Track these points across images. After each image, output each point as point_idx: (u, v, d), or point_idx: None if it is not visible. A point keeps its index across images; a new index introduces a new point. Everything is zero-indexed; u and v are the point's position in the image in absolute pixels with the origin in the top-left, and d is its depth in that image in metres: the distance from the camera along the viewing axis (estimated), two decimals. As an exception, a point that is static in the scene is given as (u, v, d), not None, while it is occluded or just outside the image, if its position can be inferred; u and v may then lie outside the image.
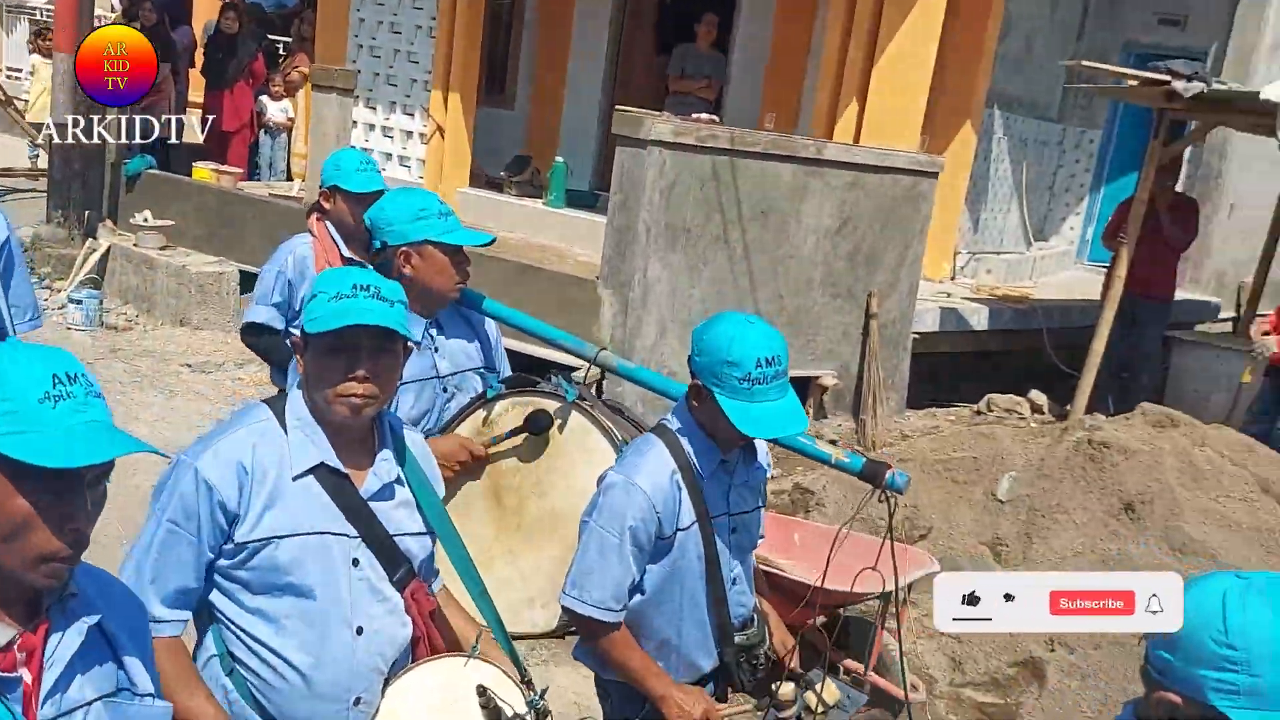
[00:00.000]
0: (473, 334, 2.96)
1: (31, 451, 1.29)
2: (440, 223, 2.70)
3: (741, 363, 2.20)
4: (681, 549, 2.33)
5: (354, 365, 1.91)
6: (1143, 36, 10.90)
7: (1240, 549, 4.75)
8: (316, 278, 2.06)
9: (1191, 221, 7.80)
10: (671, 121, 6.28)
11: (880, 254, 7.56)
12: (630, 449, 2.42)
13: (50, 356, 1.37)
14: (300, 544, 1.91)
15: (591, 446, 2.66)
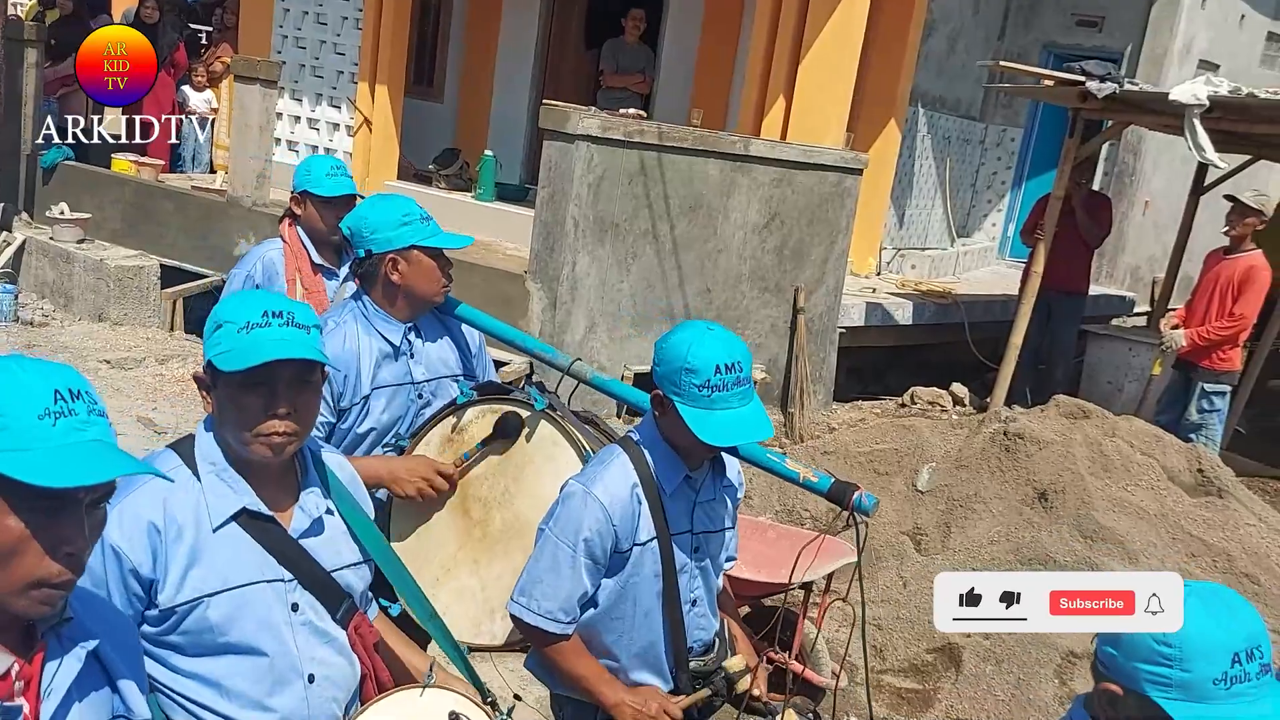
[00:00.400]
0: (450, 340, 2.91)
1: (26, 469, 1.22)
2: (424, 227, 2.68)
3: (700, 369, 2.13)
4: (637, 564, 2.26)
5: (273, 402, 1.76)
6: (1061, 38, 11.17)
7: (1147, 535, 4.92)
8: (219, 304, 1.86)
9: (1105, 218, 8.04)
10: (599, 116, 6.30)
11: (807, 249, 7.67)
12: (593, 460, 2.37)
13: (53, 372, 1.31)
14: (232, 599, 1.77)
15: (558, 456, 2.61)
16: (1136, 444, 5.55)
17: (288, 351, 1.75)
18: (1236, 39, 11.82)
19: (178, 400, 6.47)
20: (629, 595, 2.28)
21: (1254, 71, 12.14)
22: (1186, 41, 10.84)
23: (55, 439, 1.26)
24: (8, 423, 1.25)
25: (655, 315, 6.97)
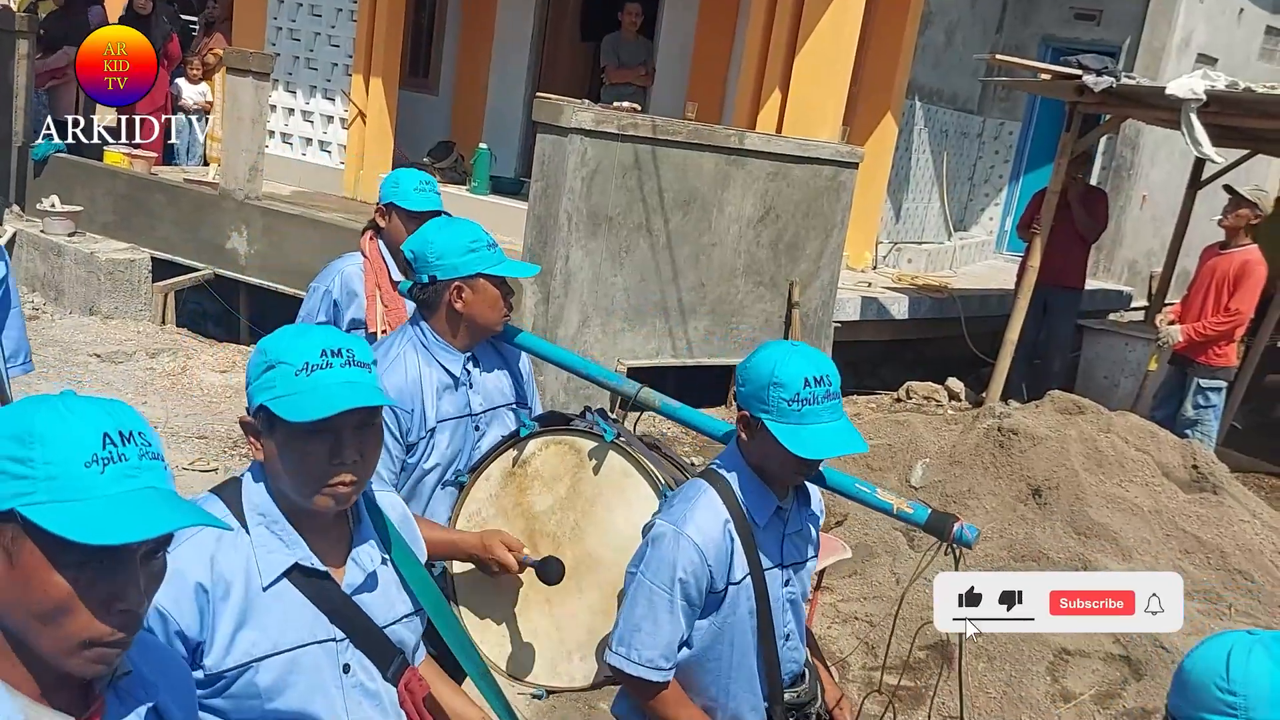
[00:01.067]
0: (505, 368, 2.80)
1: (70, 525, 1.12)
2: (490, 254, 2.56)
3: (788, 383, 2.05)
4: (733, 604, 2.17)
5: (339, 451, 1.63)
6: (1059, 31, 11.13)
7: (1141, 532, 4.90)
8: (269, 341, 1.71)
9: (1101, 212, 8.01)
10: (592, 109, 6.27)
11: (802, 243, 7.64)
12: (678, 496, 2.25)
13: (103, 412, 1.20)
14: (283, 663, 1.66)
15: (630, 489, 2.49)
16: (1131, 440, 5.51)
17: (359, 399, 1.61)
18: (1234, 32, 11.77)
19: (168, 394, 6.44)
20: (725, 635, 2.20)
21: (1252, 65, 12.10)
22: (1185, 35, 10.80)
23: (103, 488, 1.15)
24: (53, 472, 1.15)
25: (649, 309, 6.94)
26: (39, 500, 1.13)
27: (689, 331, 7.19)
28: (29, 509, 1.13)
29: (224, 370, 6.78)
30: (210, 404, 6.41)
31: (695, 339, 7.23)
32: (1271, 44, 12.60)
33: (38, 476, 1.14)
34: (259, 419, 1.66)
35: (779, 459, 2.10)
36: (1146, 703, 4.16)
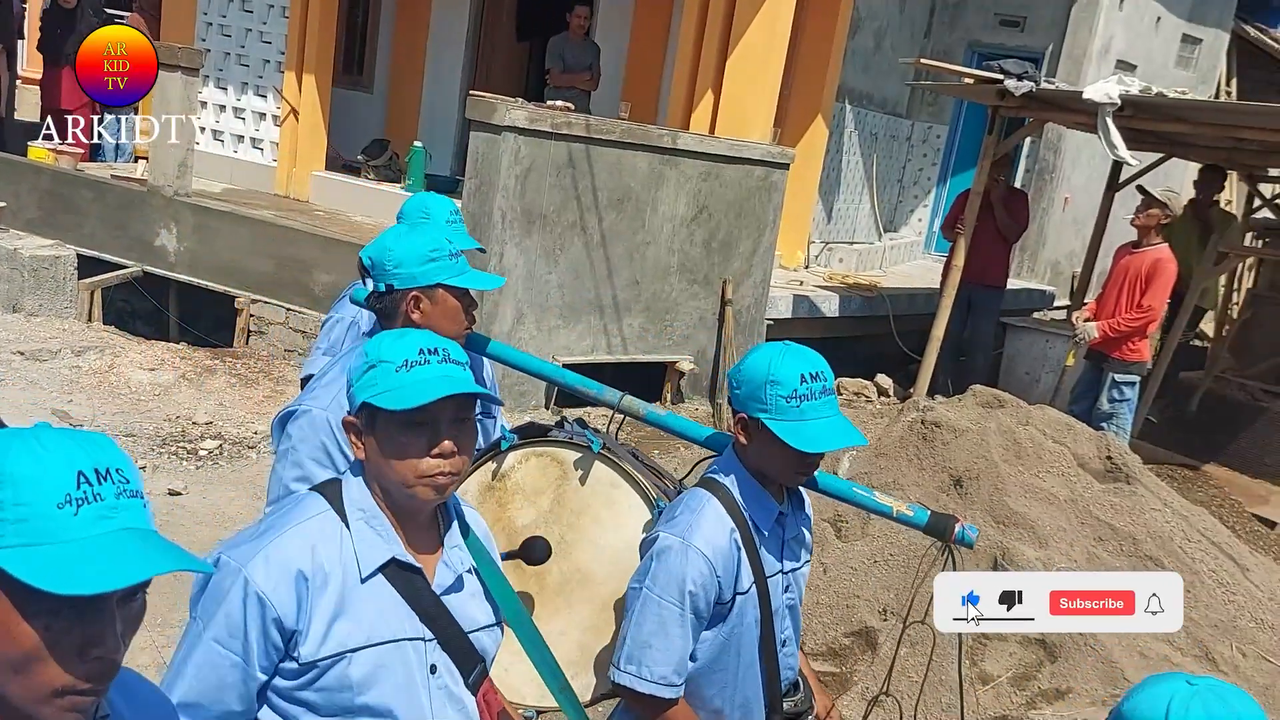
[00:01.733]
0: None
1: (39, 573, 1.05)
2: (452, 264, 2.46)
3: (785, 380, 2.04)
4: (740, 614, 2.15)
5: (437, 439, 1.67)
6: (985, 37, 11.41)
7: (1057, 520, 5.08)
8: (369, 345, 1.75)
9: (1022, 213, 8.25)
10: (525, 108, 6.32)
11: (735, 242, 7.76)
12: (680, 507, 2.19)
13: (78, 448, 1.13)
14: (376, 656, 1.67)
15: (619, 500, 2.42)
16: (1049, 432, 5.70)
17: (455, 387, 1.66)
18: (1152, 40, 12.17)
19: (94, 393, 6.36)
20: (731, 646, 2.17)
21: (1170, 71, 12.52)
22: (1105, 42, 11.14)
23: (77, 531, 1.09)
24: (23, 514, 1.08)
25: (584, 306, 7.01)
26: (7, 544, 1.07)
27: (624, 328, 7.27)
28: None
29: (152, 368, 6.70)
30: (138, 402, 6.34)
31: (630, 336, 7.31)
32: (1187, 51, 13.05)
33: (7, 519, 1.08)
34: (361, 417, 1.70)
35: (780, 458, 2.08)
36: (1060, 684, 4.33)
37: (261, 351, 7.17)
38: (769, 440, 2.06)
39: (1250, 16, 14.49)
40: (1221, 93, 13.88)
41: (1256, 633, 4.99)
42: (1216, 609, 4.99)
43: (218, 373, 6.67)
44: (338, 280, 7.05)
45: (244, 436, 5.91)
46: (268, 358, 7.07)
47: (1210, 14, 13.12)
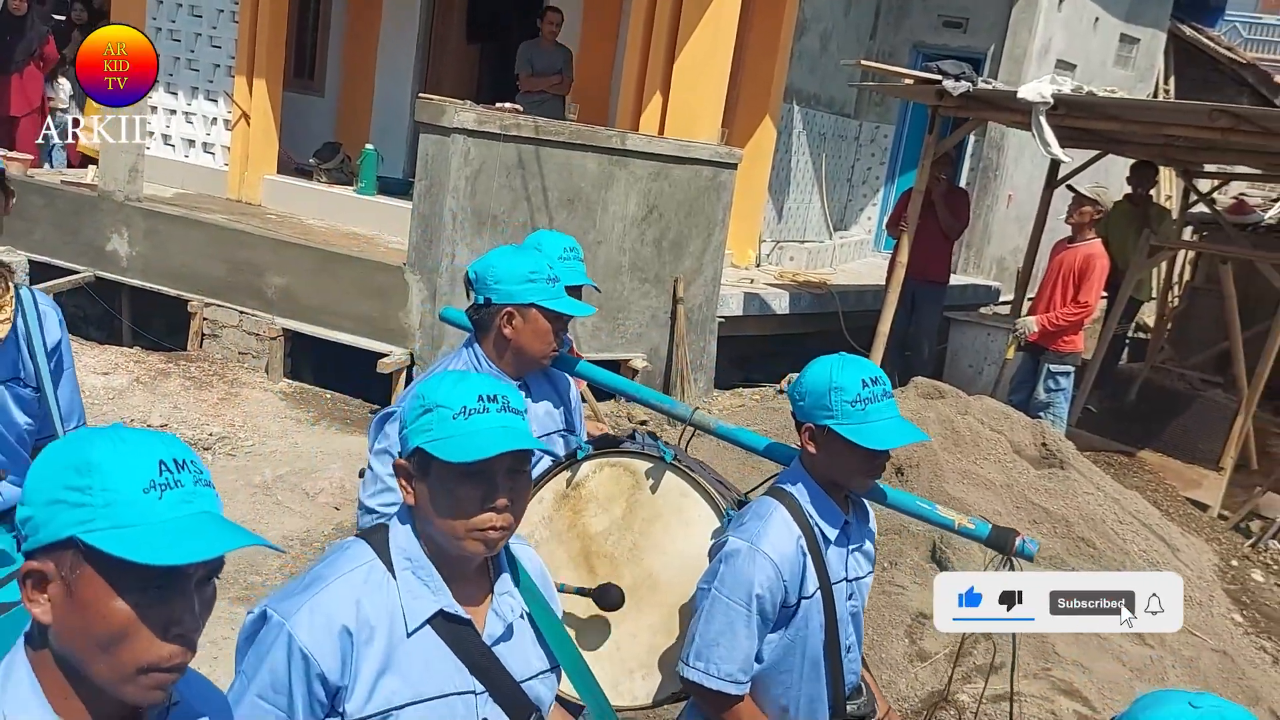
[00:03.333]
0: (557, 395, 2.81)
1: (134, 548, 1.13)
2: (548, 288, 2.55)
3: (848, 386, 2.15)
4: (805, 618, 2.23)
5: (492, 494, 1.63)
6: (929, 38, 11.65)
7: (994, 504, 5.27)
8: (425, 386, 1.72)
9: (963, 211, 8.46)
10: (474, 110, 6.41)
11: (685, 241, 7.90)
12: (749, 514, 2.26)
13: (156, 442, 1.22)
14: (422, 713, 1.63)
15: (688, 509, 2.49)
16: (986, 421, 5.90)
17: (516, 442, 1.63)
18: (1091, 40, 12.48)
19: (48, 397, 6.36)
20: (796, 648, 2.25)
21: (1109, 71, 12.84)
22: (1044, 42, 11.41)
23: (161, 513, 1.17)
24: (112, 498, 1.16)
25: (536, 306, 7.10)
26: (99, 527, 1.14)
27: (576, 327, 7.37)
28: (89, 535, 1.14)
29: (106, 372, 6.72)
30: (92, 406, 6.35)
31: (583, 334, 7.42)
32: (1126, 51, 13.38)
33: (96, 504, 1.15)
34: (413, 462, 1.66)
35: (849, 461, 2.16)
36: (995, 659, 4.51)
37: (215, 354, 7.21)
38: (838, 445, 2.15)
39: (1186, 17, 14.88)
40: (1160, 91, 14.24)
41: (1184, 609, 5.19)
42: (1145, 587, 5.18)
43: (172, 376, 6.70)
44: (290, 283, 7.11)
45: (199, 439, 5.95)
46: (222, 361, 7.11)
47: (1147, 14, 13.47)
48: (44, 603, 1.18)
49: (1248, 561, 6.28)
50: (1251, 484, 7.21)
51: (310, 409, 6.58)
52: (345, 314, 6.88)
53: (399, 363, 6.53)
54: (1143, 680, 4.43)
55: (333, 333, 6.86)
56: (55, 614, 1.17)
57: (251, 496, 5.32)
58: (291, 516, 5.19)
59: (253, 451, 5.84)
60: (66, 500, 1.16)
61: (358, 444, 6.01)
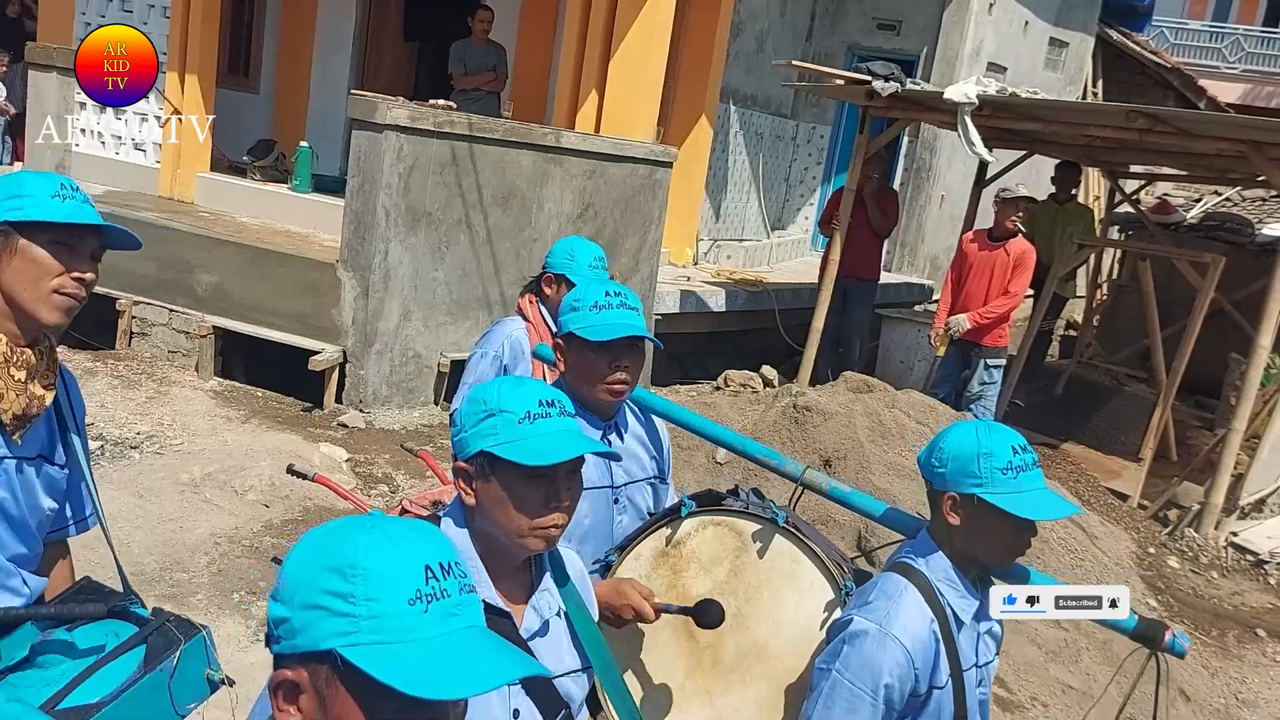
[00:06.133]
0: (648, 439, 2.61)
1: (399, 673, 1.02)
2: (584, 315, 2.34)
3: (998, 452, 2.00)
4: (937, 709, 2.06)
5: (555, 495, 1.69)
6: (864, 40, 11.83)
7: (918, 494, 5.35)
8: (485, 391, 1.75)
9: (893, 210, 8.62)
10: (407, 106, 6.40)
11: (621, 239, 7.95)
12: (874, 591, 2.09)
13: (423, 541, 1.11)
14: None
15: (800, 576, 2.32)
16: (913, 414, 6.03)
17: (585, 447, 1.70)
18: (1021, 43, 12.75)
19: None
20: None
21: (1039, 74, 13.13)
22: (975, 45, 11.64)
23: (427, 629, 1.06)
24: (376, 610, 1.05)
25: (472, 303, 7.12)
26: (361, 641, 1.04)
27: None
28: (351, 650, 1.04)
29: (31, 371, 6.60)
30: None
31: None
32: (1055, 54, 13.69)
33: (360, 615, 1.05)
34: (475, 465, 1.70)
35: (997, 535, 2.01)
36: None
37: (144, 353, 7.11)
38: (986, 516, 1.99)
39: (1115, 21, 15.26)
40: (1088, 93, 14.59)
41: (1099, 594, 5.35)
42: (1062, 573, 5.34)
43: (99, 375, 6.60)
44: (221, 280, 7.05)
45: (126, 437, 5.88)
46: (151, 359, 7.02)
47: (1076, 19, 13.79)
48: (295, 715, 1.08)
49: (1164, 549, 6.48)
50: (1171, 475, 7.43)
51: (241, 407, 6.52)
52: (277, 311, 6.83)
53: (331, 360, 6.50)
54: (1057, 661, 4.56)
55: (265, 330, 6.81)
56: None
57: (180, 494, 5.26)
58: (219, 514, 5.15)
59: (181, 450, 5.77)
60: (328, 608, 1.06)
61: (289, 441, 5.98)
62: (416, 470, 5.99)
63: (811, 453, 5.65)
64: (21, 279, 1.90)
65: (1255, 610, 5.94)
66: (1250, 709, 4.90)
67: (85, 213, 1.93)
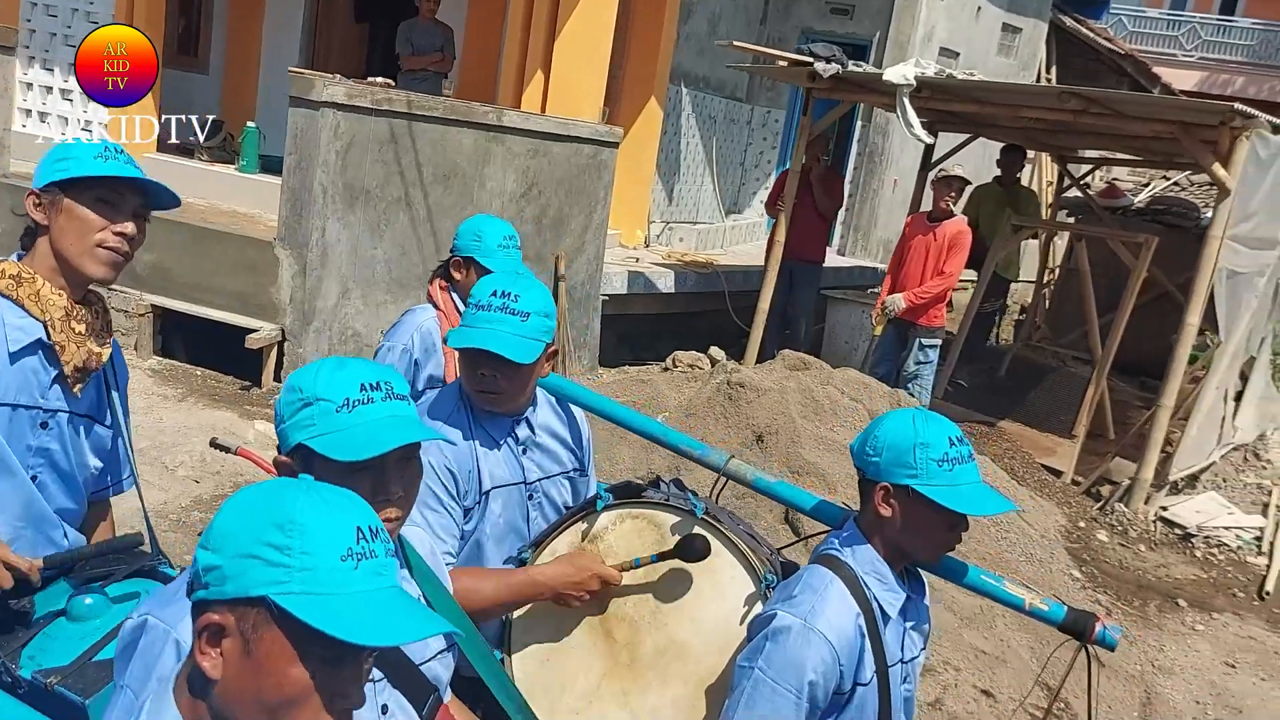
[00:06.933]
0: (567, 431, 2.52)
1: (332, 620, 1.10)
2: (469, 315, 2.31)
3: (935, 442, 1.95)
4: (860, 706, 2.00)
5: (384, 487, 1.58)
6: (817, 24, 11.89)
7: (846, 468, 5.43)
8: (301, 377, 1.63)
9: (838, 192, 8.69)
10: (344, 84, 6.39)
11: (566, 219, 7.97)
12: (799, 585, 2.02)
13: (352, 504, 1.19)
14: None
15: (722, 571, 2.23)
16: (846, 391, 6.10)
17: (408, 435, 1.58)
18: (974, 29, 12.84)
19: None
20: None
21: (992, 60, 13.24)
22: (927, 30, 11.73)
23: (356, 585, 1.13)
24: (310, 563, 1.12)
25: (413, 281, 7.12)
26: (293, 591, 1.11)
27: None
28: (284, 598, 1.11)
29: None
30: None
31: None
32: (1008, 40, 13.80)
33: (294, 566, 1.12)
34: (296, 459, 1.59)
35: (931, 527, 1.96)
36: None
37: (84, 332, 7.08)
38: (920, 508, 1.94)
39: (1072, 9, 15.38)
40: (1042, 79, 14.71)
41: (1022, 564, 5.46)
42: (988, 544, 5.44)
43: (35, 353, 6.57)
44: (160, 259, 7.01)
45: (59, 414, 5.86)
46: (90, 338, 6.98)
47: (1029, 5, 13.90)
48: (215, 657, 1.14)
49: (1095, 523, 6.59)
50: (1109, 452, 7.55)
51: (179, 385, 6.51)
52: (216, 290, 6.81)
53: (269, 339, 6.49)
54: (971, 627, 4.64)
55: (204, 309, 6.79)
56: (225, 670, 1.14)
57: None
58: (149, 490, 5.13)
59: (115, 427, 5.77)
60: (264, 558, 1.12)
61: (223, 419, 5.97)
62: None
63: (745, 428, 5.70)
64: (68, 235, 2.04)
65: (1179, 581, 6.07)
66: (1166, 675, 5.02)
67: (125, 169, 2.03)
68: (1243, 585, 6.11)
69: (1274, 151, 6.65)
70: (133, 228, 2.07)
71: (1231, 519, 6.84)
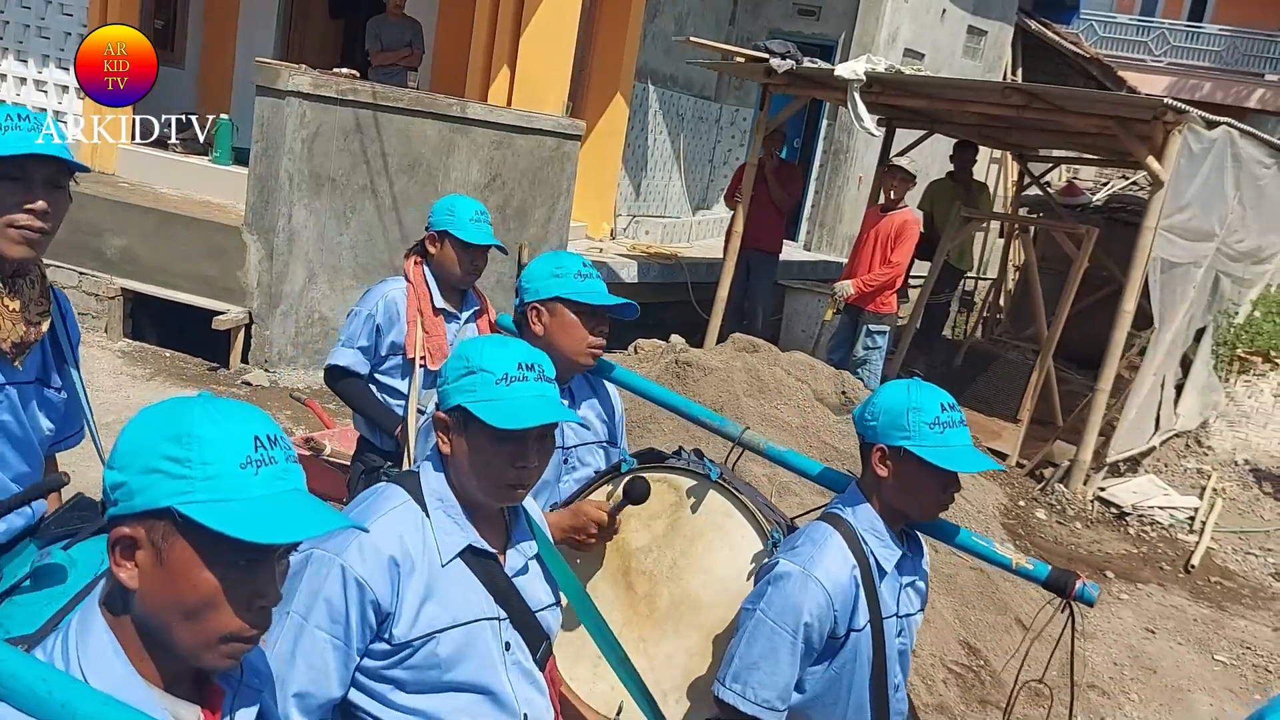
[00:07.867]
0: (599, 405, 2.75)
1: (233, 523, 1.16)
2: (575, 282, 2.52)
3: (926, 407, 2.10)
4: (853, 651, 2.16)
5: (522, 456, 1.78)
6: (785, 25, 12.14)
7: (789, 444, 5.65)
8: (469, 348, 1.82)
9: (794, 185, 8.93)
10: (309, 74, 6.60)
11: (530, 210, 8.19)
12: (802, 538, 2.21)
13: (250, 415, 1.24)
14: (460, 635, 1.79)
15: (731, 529, 2.42)
16: (792, 371, 6.34)
17: (552, 414, 1.77)
18: (939, 30, 13.12)
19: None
20: (843, 681, 2.19)
21: (958, 61, 13.52)
22: (892, 31, 11.99)
23: (257, 489, 1.20)
24: (210, 472, 1.18)
25: (378, 268, 7.31)
26: (197, 499, 1.17)
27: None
28: (188, 507, 1.16)
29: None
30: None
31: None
32: (974, 42, 14.08)
33: (195, 476, 1.17)
34: (453, 417, 1.79)
35: (924, 485, 2.11)
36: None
37: (56, 315, 7.25)
38: (913, 468, 2.10)
39: (1042, 14, 15.69)
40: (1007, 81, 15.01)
41: (954, 536, 5.68)
42: (921, 517, 5.66)
43: (7, 334, 6.74)
44: (130, 244, 7.20)
45: (29, 392, 6.04)
46: (62, 321, 7.16)
47: (995, 8, 14.19)
48: (131, 569, 1.20)
49: (1035, 503, 6.85)
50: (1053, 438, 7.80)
51: (148, 366, 6.69)
52: (185, 274, 7.00)
53: (236, 321, 6.69)
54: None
55: (172, 292, 6.98)
56: (142, 580, 1.20)
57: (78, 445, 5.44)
58: (115, 461, 5.34)
59: (84, 404, 5.96)
60: (164, 470, 1.18)
61: (190, 396, 6.17)
62: (315, 425, 6.20)
63: (691, 406, 5.92)
64: None
65: (1109, 556, 6.32)
66: (1088, 640, 5.26)
67: (23, 141, 1.90)
68: (1170, 560, 6.37)
69: (1206, 146, 6.93)
70: (43, 204, 1.96)
71: (1167, 499, 7.11)
